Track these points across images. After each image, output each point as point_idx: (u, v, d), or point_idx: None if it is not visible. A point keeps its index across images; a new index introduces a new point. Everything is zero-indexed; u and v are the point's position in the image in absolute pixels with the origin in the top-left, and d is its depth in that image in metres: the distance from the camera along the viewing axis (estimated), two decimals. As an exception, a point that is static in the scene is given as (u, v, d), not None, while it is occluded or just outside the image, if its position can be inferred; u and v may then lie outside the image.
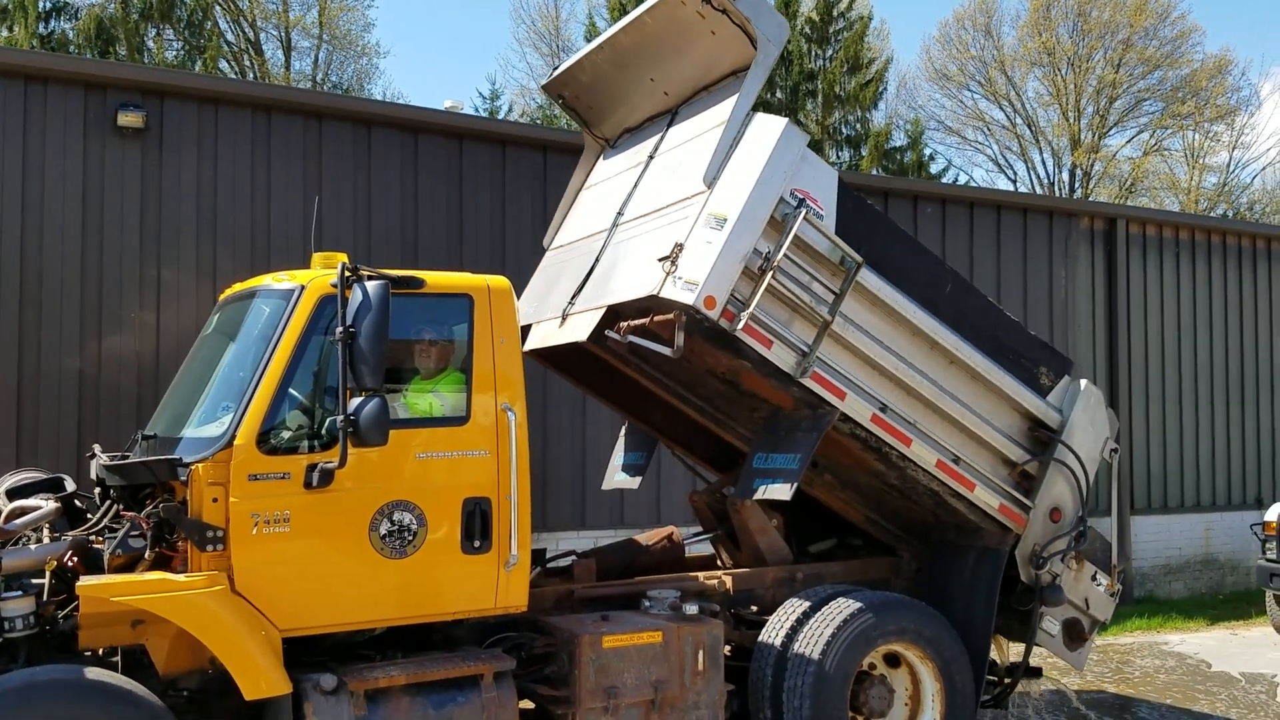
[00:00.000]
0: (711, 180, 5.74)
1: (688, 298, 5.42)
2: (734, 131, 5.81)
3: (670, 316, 5.56)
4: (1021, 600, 6.80)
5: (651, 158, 6.67)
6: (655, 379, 7.03)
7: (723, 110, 6.00)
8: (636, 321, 5.79)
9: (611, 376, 7.27)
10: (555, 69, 7.35)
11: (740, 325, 5.61)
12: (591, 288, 6.34)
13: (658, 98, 6.77)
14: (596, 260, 6.46)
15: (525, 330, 6.89)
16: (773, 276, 5.64)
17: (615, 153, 7.28)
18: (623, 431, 7.95)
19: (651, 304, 5.67)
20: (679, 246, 5.57)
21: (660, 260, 5.60)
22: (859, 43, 29.73)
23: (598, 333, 6.01)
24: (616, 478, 7.87)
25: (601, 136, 7.44)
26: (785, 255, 5.69)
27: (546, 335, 6.63)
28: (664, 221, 5.99)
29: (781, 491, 5.85)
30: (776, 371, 5.87)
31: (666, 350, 5.60)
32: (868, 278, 6.04)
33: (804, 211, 5.71)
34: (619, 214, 6.56)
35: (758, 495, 6.05)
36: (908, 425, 6.23)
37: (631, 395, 7.46)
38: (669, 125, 6.69)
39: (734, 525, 7.02)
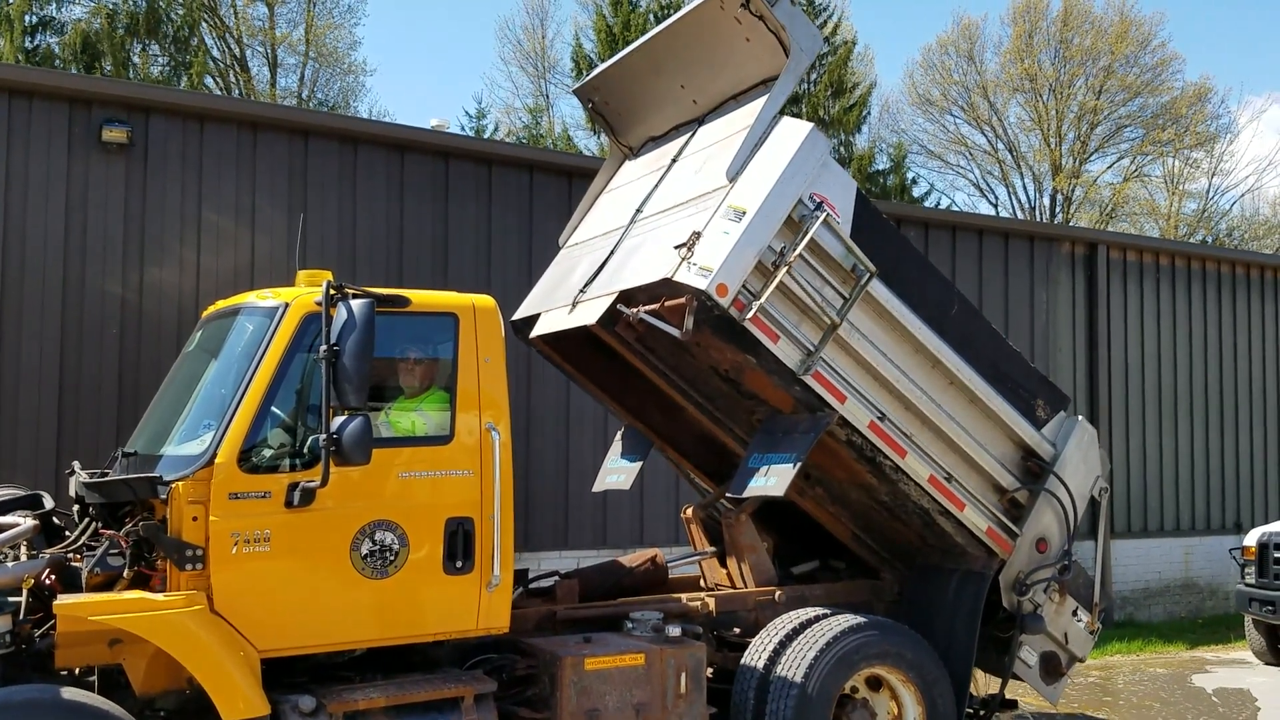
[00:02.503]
0: (734, 175, 5.85)
1: (700, 283, 5.50)
2: (760, 131, 5.94)
3: (681, 301, 5.64)
4: (1002, 628, 6.81)
5: (675, 160, 6.77)
6: (659, 371, 7.04)
7: (750, 113, 6.14)
8: (649, 306, 5.86)
9: (613, 370, 7.28)
10: (589, 73, 7.42)
11: (749, 315, 5.69)
12: (605, 276, 6.39)
13: (686, 105, 6.87)
14: (612, 252, 6.54)
15: (533, 319, 6.93)
16: (785, 273, 5.71)
17: (638, 159, 7.41)
18: (619, 435, 7.96)
19: (664, 289, 5.75)
20: (696, 235, 5.67)
21: (677, 248, 5.69)
22: (843, 67, 29.97)
23: (608, 317, 6.08)
24: (608, 479, 7.86)
25: (626, 144, 7.55)
26: (800, 255, 5.77)
27: (554, 322, 6.67)
28: (683, 214, 6.08)
29: (774, 489, 5.88)
30: (780, 368, 5.92)
31: (675, 331, 5.66)
32: (878, 289, 6.11)
33: (823, 215, 5.81)
34: (638, 211, 6.65)
35: (750, 492, 6.07)
36: (904, 437, 6.27)
37: (632, 393, 7.47)
38: (695, 131, 6.79)
39: (725, 541, 7.02)
